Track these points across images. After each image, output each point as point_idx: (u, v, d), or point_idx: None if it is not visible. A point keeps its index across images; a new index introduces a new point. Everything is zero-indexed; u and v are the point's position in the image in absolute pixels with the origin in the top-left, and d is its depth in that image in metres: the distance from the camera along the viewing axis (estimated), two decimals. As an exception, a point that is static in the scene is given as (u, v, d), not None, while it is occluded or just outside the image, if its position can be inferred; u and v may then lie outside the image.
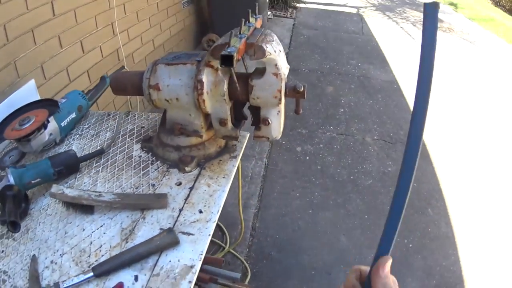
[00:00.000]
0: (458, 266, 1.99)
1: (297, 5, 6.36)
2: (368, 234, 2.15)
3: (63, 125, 1.20)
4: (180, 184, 0.95)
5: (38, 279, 0.75)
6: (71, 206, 0.89)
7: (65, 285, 0.73)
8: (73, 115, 1.25)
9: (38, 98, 1.49)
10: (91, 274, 0.74)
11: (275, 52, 0.82)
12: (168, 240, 0.78)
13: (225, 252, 2.02)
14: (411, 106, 0.50)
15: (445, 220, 2.30)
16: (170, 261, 0.76)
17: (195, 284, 0.77)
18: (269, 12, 5.37)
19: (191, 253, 0.77)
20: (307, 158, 2.73)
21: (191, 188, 0.94)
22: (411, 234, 2.18)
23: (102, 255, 0.79)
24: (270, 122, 0.92)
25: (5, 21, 1.50)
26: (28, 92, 1.43)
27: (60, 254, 0.80)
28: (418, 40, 5.51)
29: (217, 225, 1.57)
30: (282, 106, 0.90)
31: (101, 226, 0.86)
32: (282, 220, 2.25)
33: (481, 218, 2.33)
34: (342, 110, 3.41)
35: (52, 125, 1.15)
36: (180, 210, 0.88)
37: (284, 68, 0.88)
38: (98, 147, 1.16)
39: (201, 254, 0.77)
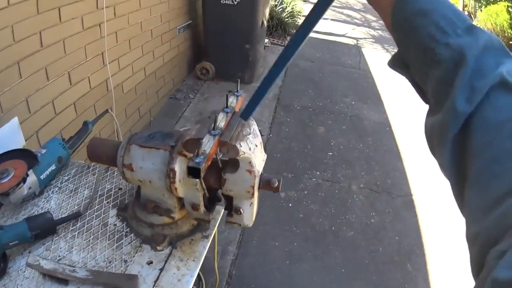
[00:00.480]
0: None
1: (296, 33, 6.49)
2: (343, 290, 2.21)
3: (42, 178, 1.24)
4: (151, 263, 1.01)
5: None
6: (47, 275, 0.94)
7: None
8: (52, 167, 1.30)
9: (21, 136, 1.55)
10: None
11: (250, 149, 0.89)
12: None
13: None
14: (402, 152, 0.57)
15: (423, 276, 2.37)
16: None
17: None
18: (266, 40, 5.49)
19: None
20: (290, 205, 2.80)
21: (161, 270, 0.99)
22: (387, 290, 2.25)
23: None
24: (242, 212, 0.98)
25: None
26: (11, 131, 1.48)
27: None
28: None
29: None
30: (255, 198, 0.97)
31: None
32: (259, 269, 2.30)
33: (462, 278, 2.39)
34: (331, 153, 3.49)
35: (31, 178, 1.19)
36: (149, 294, 0.93)
37: (260, 162, 0.94)
38: (76, 207, 1.21)
39: None
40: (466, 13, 12.00)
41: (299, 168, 3.22)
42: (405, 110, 4.45)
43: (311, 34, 0.56)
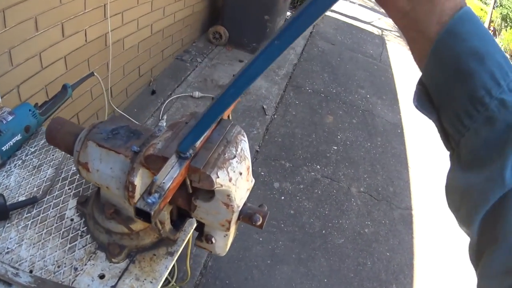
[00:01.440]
0: None
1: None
2: (322, 303, 2.12)
3: (4, 150, 1.11)
4: (103, 277, 0.88)
5: None
6: None
7: None
8: (18, 137, 1.16)
9: None
10: None
11: (231, 180, 0.72)
12: None
13: (170, 286, 1.97)
14: (410, 159, 0.50)
15: (407, 303, 2.27)
16: None
17: None
18: (288, 13, 5.22)
19: None
20: (282, 198, 2.67)
21: (113, 287, 0.86)
22: (368, 311, 2.15)
23: None
24: (214, 241, 0.84)
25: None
26: None
27: None
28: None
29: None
30: (231, 231, 0.82)
31: None
32: (237, 264, 2.19)
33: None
34: (335, 148, 3.33)
35: None
36: (91, 318, 0.81)
37: (243, 194, 0.78)
38: (35, 188, 1.08)
39: None
40: (491, 29, 11.69)
41: (299, 158, 3.07)
42: (420, 115, 4.25)
43: (336, 15, 0.40)
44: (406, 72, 5.10)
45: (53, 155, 1.21)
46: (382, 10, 0.51)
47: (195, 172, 0.66)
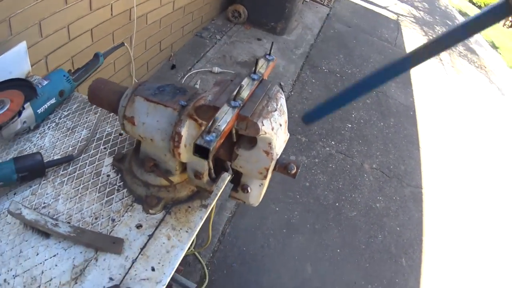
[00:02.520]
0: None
1: (338, -6, 6.12)
2: (334, 269, 2.14)
3: (39, 112, 1.11)
4: (140, 227, 0.90)
5: None
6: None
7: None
8: (52, 101, 1.16)
9: (27, 62, 1.39)
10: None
11: (273, 129, 0.74)
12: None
13: (189, 252, 2.00)
14: (422, 140, 0.50)
15: (415, 275, 2.28)
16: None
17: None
18: (306, -6, 5.15)
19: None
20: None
21: (150, 236, 0.88)
22: (377, 280, 2.17)
23: (50, 292, 0.76)
24: (249, 190, 0.85)
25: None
26: (17, 56, 1.33)
27: (13, 275, 0.78)
28: (448, 68, 5.35)
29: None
30: (266, 180, 0.83)
31: (55, 255, 0.82)
32: (254, 232, 2.22)
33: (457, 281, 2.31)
34: (350, 126, 3.32)
35: (28, 112, 1.06)
36: (133, 261, 0.83)
37: (281, 144, 0.80)
38: (70, 148, 1.09)
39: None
40: (510, 19, 11.27)
41: (314, 134, 3.06)
42: (432, 98, 4.21)
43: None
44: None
45: (86, 118, 1.21)
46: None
47: (243, 120, 0.69)
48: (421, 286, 2.21)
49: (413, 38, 5.72)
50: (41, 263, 0.81)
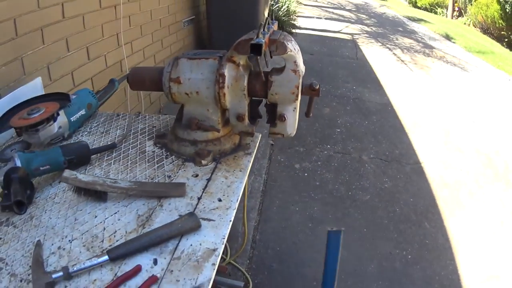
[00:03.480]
0: (457, 275, 2.02)
1: (293, 30, 6.56)
2: (367, 246, 2.18)
3: (72, 120, 1.20)
4: (197, 175, 0.98)
5: (42, 264, 0.71)
6: (83, 192, 0.87)
7: (75, 269, 0.69)
8: (82, 112, 1.26)
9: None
10: (106, 257, 0.71)
11: (295, 50, 0.88)
12: (190, 223, 0.80)
13: (225, 262, 2.02)
14: (407, 127, 0.57)
15: (441, 232, 2.34)
16: (191, 245, 0.77)
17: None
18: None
19: (213, 237, 0.79)
20: (306, 174, 2.77)
21: (208, 180, 0.96)
22: (409, 246, 2.21)
23: (117, 240, 0.77)
24: (286, 118, 0.96)
25: (15, 15, 1.51)
26: (34, 89, 1.43)
27: (69, 240, 0.78)
28: (411, 65, 5.70)
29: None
30: (298, 103, 0.95)
31: (115, 213, 0.85)
32: (282, 233, 2.26)
33: (477, 229, 2.37)
34: (339, 130, 3.48)
35: (62, 118, 1.14)
36: (199, 199, 0.90)
37: (302, 66, 0.93)
38: (109, 143, 1.15)
39: (223, 238, 0.79)
40: (456, 9, 12.07)
41: (310, 143, 3.20)
42: (404, 94, 4.47)
43: (307, 32, 0.58)
44: (381, 63, 5.35)
45: (117, 123, 1.31)
46: (348, 19, 0.72)
47: (273, 43, 0.86)
48: (450, 240, 2.27)
49: (372, 50, 6.12)
50: (101, 222, 0.82)
